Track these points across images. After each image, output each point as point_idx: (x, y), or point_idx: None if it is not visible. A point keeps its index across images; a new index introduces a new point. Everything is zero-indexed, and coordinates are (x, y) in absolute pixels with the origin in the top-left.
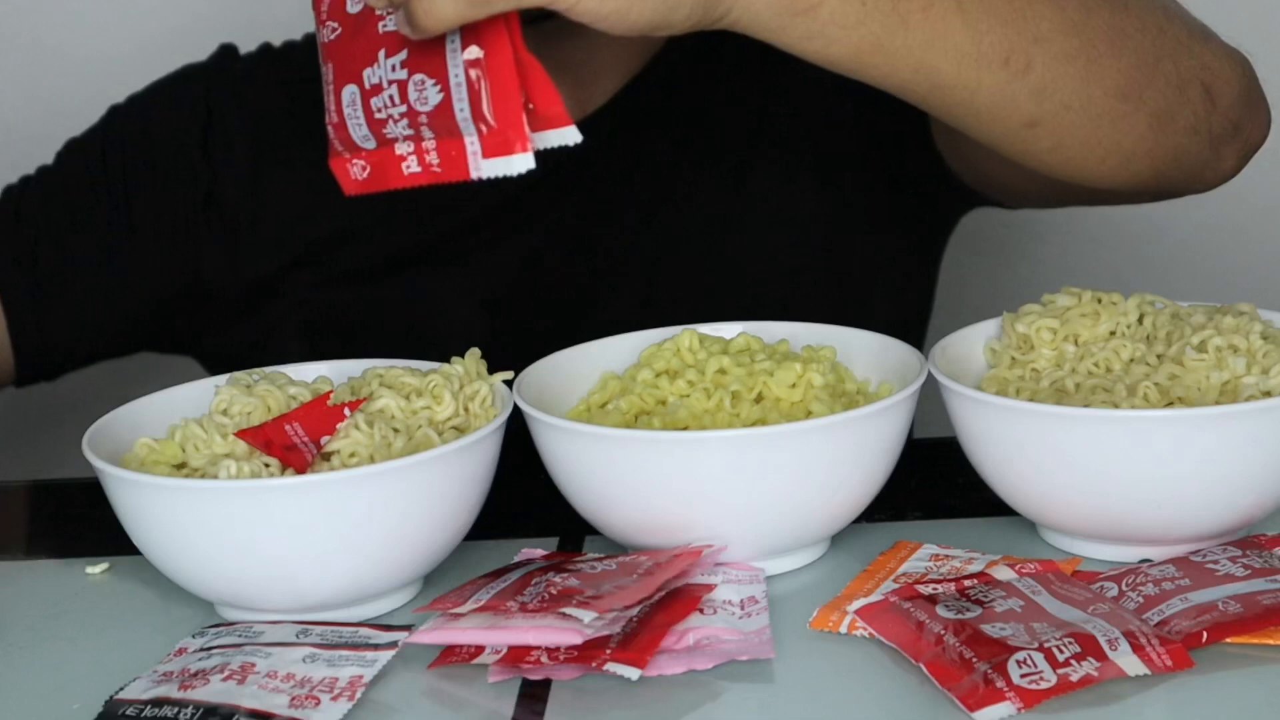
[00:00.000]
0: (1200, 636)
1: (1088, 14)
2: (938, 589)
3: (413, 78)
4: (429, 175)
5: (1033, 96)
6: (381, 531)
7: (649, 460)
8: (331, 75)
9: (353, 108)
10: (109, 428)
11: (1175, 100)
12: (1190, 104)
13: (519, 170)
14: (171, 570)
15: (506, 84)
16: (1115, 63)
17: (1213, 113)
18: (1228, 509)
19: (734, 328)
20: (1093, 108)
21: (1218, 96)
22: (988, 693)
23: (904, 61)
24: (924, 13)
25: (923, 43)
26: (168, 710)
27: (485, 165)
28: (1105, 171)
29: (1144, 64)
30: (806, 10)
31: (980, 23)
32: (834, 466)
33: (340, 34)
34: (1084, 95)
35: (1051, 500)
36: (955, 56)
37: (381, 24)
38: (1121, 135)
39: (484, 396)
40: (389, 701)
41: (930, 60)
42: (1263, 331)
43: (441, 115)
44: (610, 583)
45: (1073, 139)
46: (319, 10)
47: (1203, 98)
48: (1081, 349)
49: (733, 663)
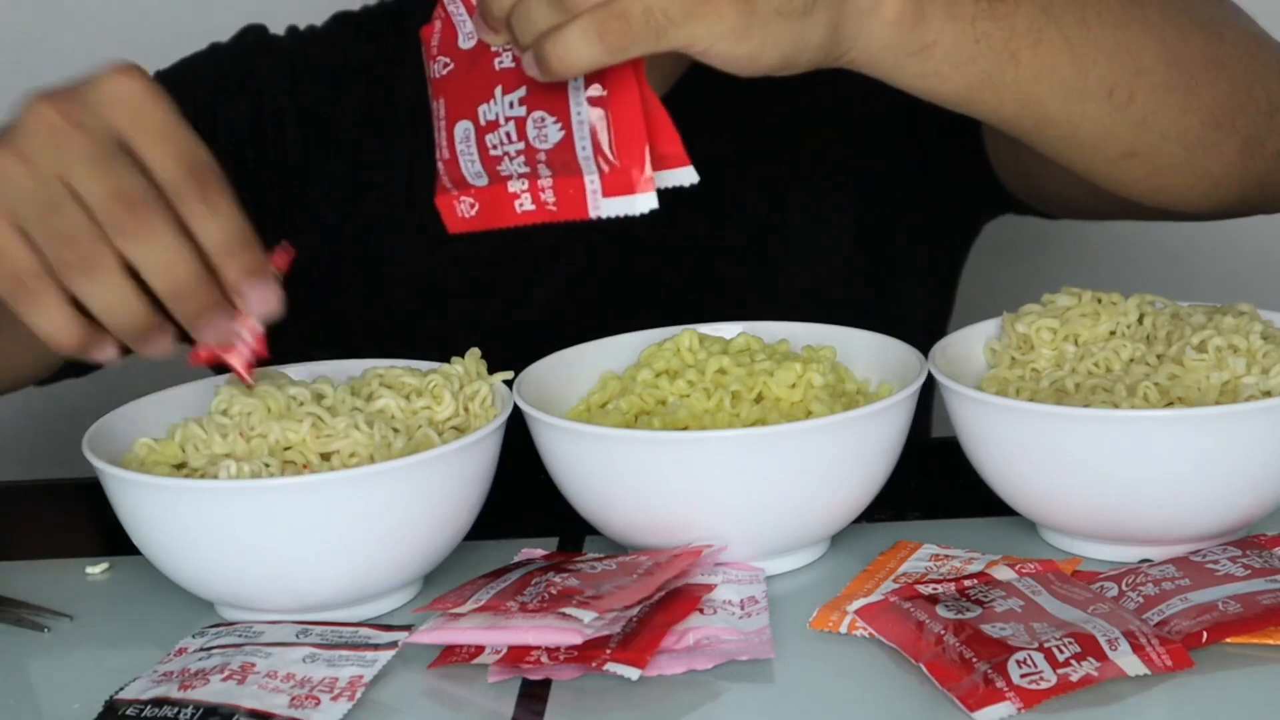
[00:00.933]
0: (1200, 636)
1: (1185, 43)
2: (938, 589)
3: (531, 115)
4: (543, 213)
5: (1134, 128)
6: (381, 531)
7: (649, 460)
8: (444, 111)
9: (466, 144)
10: (109, 428)
11: (1264, 128)
12: (1277, 131)
13: (641, 210)
14: (171, 570)
15: (632, 123)
16: (1211, 90)
17: None
18: (1228, 509)
19: (734, 328)
20: (1188, 137)
21: None
22: (988, 693)
23: (1012, 96)
24: (1034, 49)
25: (1031, 78)
26: (168, 710)
27: (605, 204)
28: (1193, 197)
29: (1237, 91)
30: (921, 50)
31: (1086, 57)
32: (834, 466)
33: (453, 69)
34: (1181, 125)
35: (1051, 500)
36: (1062, 91)
37: (498, 60)
38: (1213, 162)
39: (484, 396)
40: (389, 701)
41: (1037, 95)
42: (1263, 331)
43: (561, 153)
44: (610, 583)
45: (1167, 167)
46: (429, 45)
47: None
48: (1081, 349)
49: (733, 663)
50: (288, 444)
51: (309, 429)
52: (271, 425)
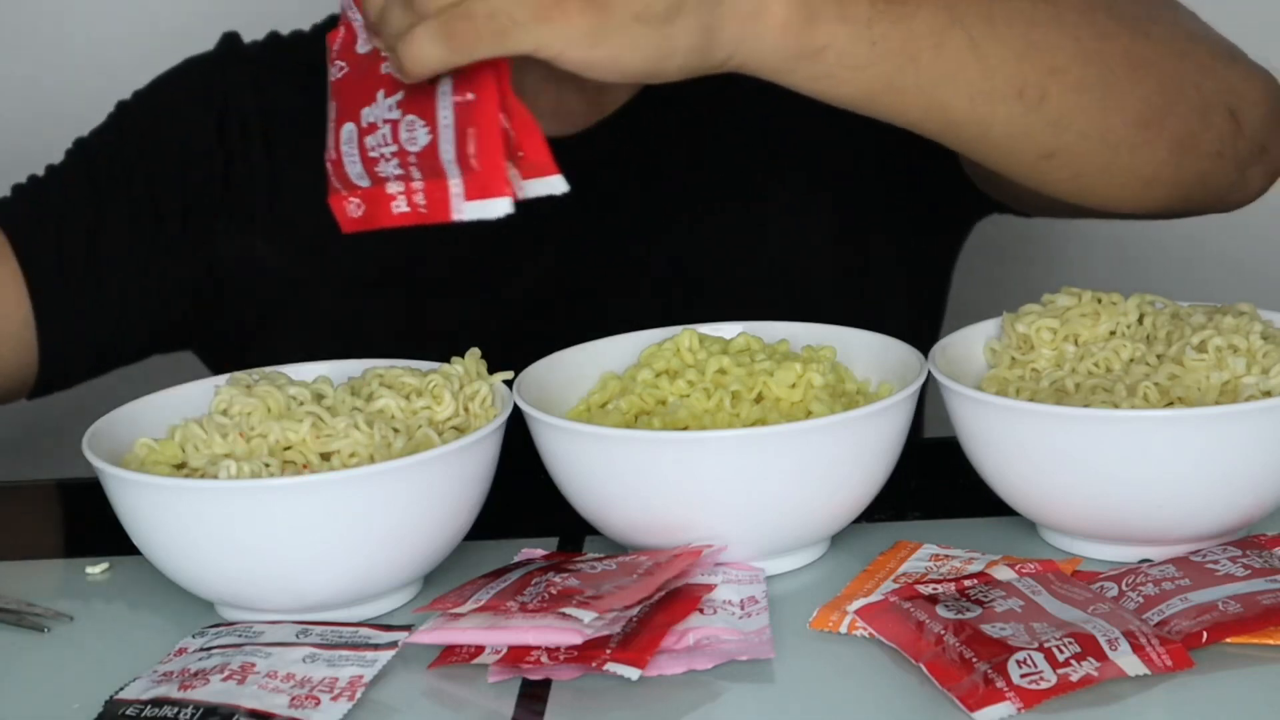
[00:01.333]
0: (1200, 636)
1: (1104, 42)
2: (938, 589)
3: (405, 118)
4: (416, 215)
5: (1049, 128)
6: (381, 531)
7: (649, 460)
8: (334, 113)
9: (350, 145)
10: (109, 428)
11: (1198, 125)
12: (1214, 128)
13: (499, 214)
14: (171, 570)
15: (491, 128)
16: (1134, 90)
17: (1238, 136)
18: (1228, 509)
19: (734, 328)
20: (1111, 136)
21: (1244, 120)
22: (988, 693)
23: (915, 100)
24: (935, 51)
25: (934, 81)
26: (168, 710)
27: (467, 207)
28: (1125, 197)
29: (1165, 90)
30: (813, 54)
31: (993, 58)
32: (834, 466)
33: (346, 73)
34: (1102, 125)
35: (1051, 500)
36: (968, 93)
37: (383, 65)
38: (1142, 163)
39: (484, 396)
40: (389, 701)
41: (942, 98)
42: (1263, 331)
43: (429, 156)
44: (610, 583)
45: (1091, 168)
46: (331, 49)
47: (1227, 121)
48: (1081, 349)
49: (733, 663)
50: (288, 444)
51: (309, 429)
52: (271, 425)
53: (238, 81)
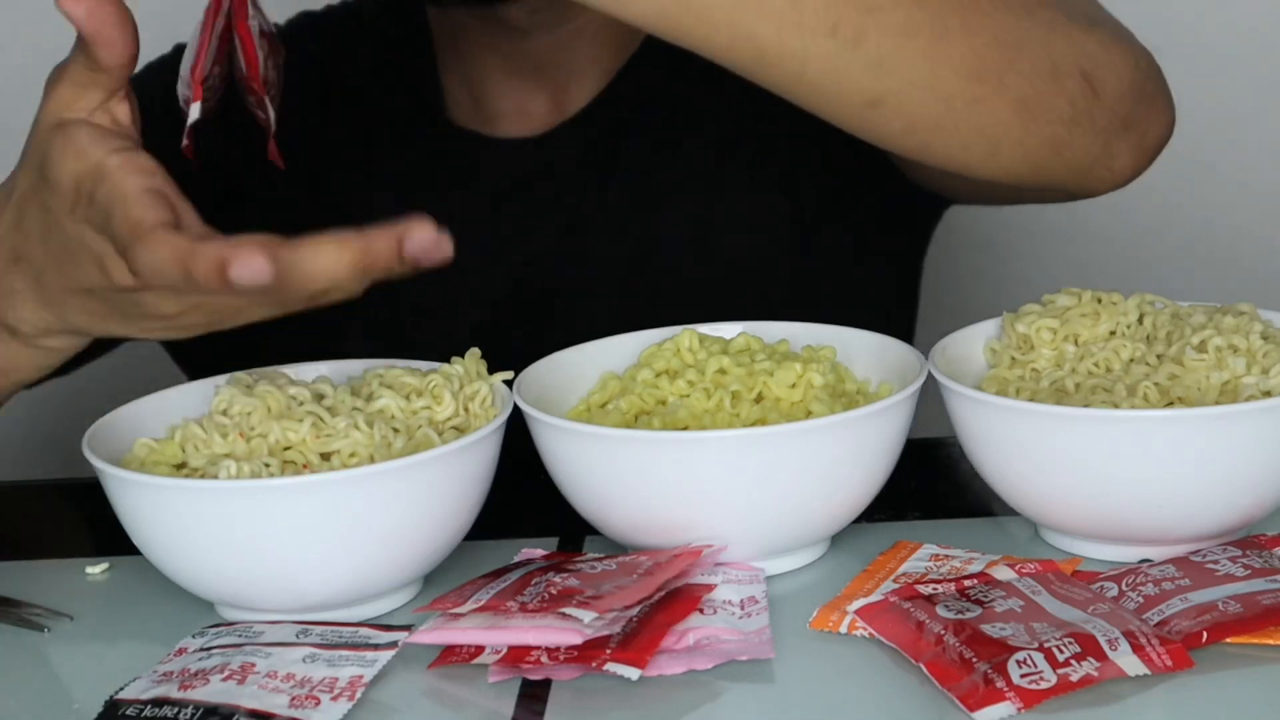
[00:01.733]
0: (1200, 636)
1: None
2: (938, 589)
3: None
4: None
5: (869, 71)
6: (381, 531)
7: (649, 460)
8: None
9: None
10: (109, 428)
11: (1047, 88)
12: (1066, 93)
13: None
14: (171, 570)
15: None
16: (967, 41)
17: (1095, 104)
18: (1228, 509)
19: (734, 328)
20: (941, 88)
21: (1101, 86)
22: (988, 693)
23: (718, 23)
24: None
25: (736, 3)
26: (168, 710)
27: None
28: (972, 160)
29: (1003, 45)
30: None
31: None
32: (834, 466)
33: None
34: (930, 74)
35: (1051, 500)
36: (775, 22)
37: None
38: (983, 121)
39: (484, 396)
40: (389, 701)
41: (747, 23)
42: (1263, 331)
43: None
44: (610, 583)
45: (925, 122)
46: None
47: (1081, 87)
48: (1081, 349)
49: (733, 663)
50: (288, 444)
51: (309, 429)
52: (271, 425)
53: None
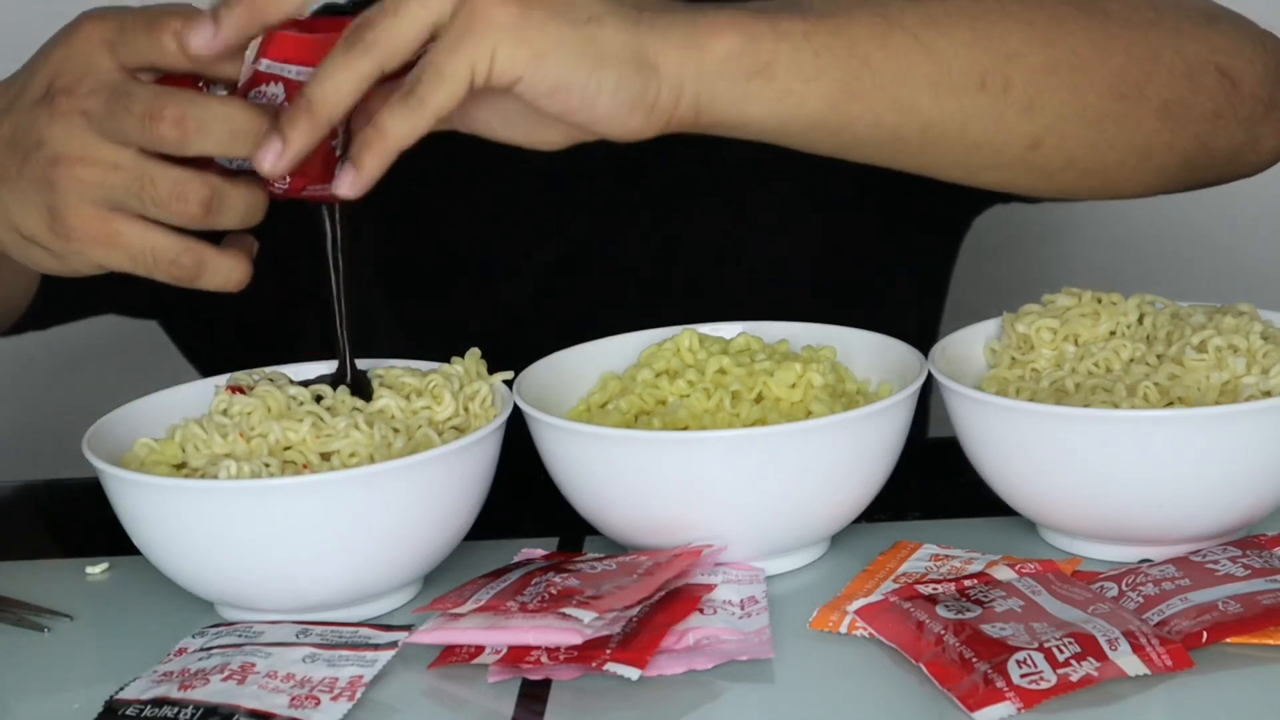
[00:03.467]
0: (1200, 636)
1: (1060, 24)
2: (938, 589)
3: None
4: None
5: (1023, 114)
6: (381, 531)
7: (649, 460)
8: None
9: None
10: (109, 428)
11: (1187, 90)
12: (1206, 90)
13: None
14: (171, 570)
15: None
16: (1104, 64)
17: (1235, 94)
18: (1228, 509)
19: (734, 328)
20: (1090, 113)
21: (1238, 77)
22: (988, 693)
23: (881, 102)
24: (883, 51)
25: (893, 79)
26: (168, 710)
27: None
28: (1127, 174)
29: (1138, 59)
30: (762, 72)
31: (943, 50)
32: (834, 466)
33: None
34: (1078, 103)
35: (1051, 500)
36: (929, 87)
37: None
38: (1132, 134)
39: (484, 396)
40: (389, 701)
41: (906, 95)
42: (1263, 331)
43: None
44: (610, 583)
45: (1080, 149)
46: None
47: (1220, 81)
48: (1081, 349)
49: (733, 663)
50: (288, 444)
51: (309, 429)
52: (271, 425)
53: None
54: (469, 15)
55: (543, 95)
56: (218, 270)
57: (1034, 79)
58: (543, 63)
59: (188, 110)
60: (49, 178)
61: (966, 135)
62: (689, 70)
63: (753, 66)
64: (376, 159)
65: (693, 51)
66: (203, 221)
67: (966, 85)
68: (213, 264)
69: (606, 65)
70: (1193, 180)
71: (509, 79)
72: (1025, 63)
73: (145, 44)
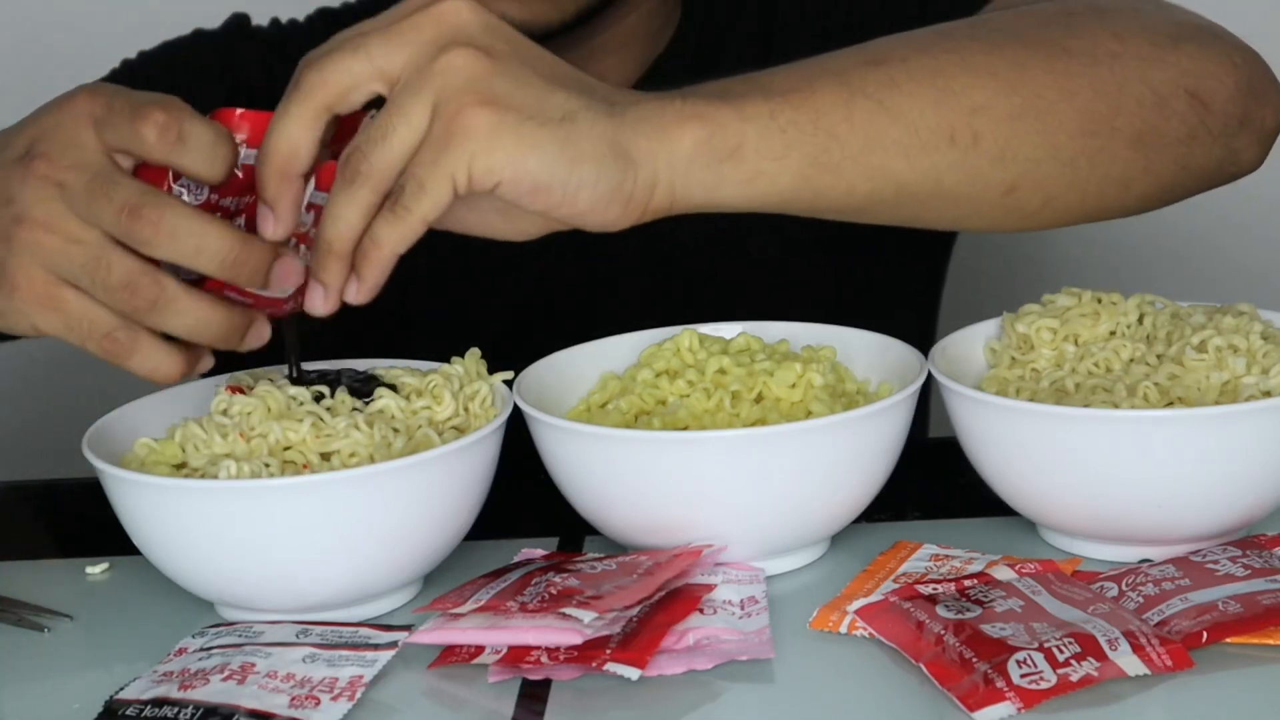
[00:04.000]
0: (1200, 636)
1: (1022, 70)
2: (938, 589)
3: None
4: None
5: (997, 164)
6: (381, 531)
7: (649, 460)
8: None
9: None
10: (109, 428)
11: (1157, 117)
12: (1177, 115)
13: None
14: (171, 570)
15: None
16: (1070, 104)
17: (1207, 114)
18: (1228, 509)
19: (734, 328)
20: (1063, 154)
21: (1209, 97)
22: (988, 693)
23: (853, 171)
24: (847, 122)
25: (860, 148)
26: (168, 710)
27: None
28: (1109, 204)
29: (1103, 95)
30: (732, 155)
31: (908, 112)
32: (834, 466)
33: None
34: (1048, 145)
35: (1051, 500)
36: (899, 150)
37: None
38: (1108, 168)
39: (484, 396)
40: (389, 701)
41: (877, 161)
42: (1263, 331)
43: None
44: (610, 583)
45: (1058, 188)
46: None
47: (1190, 104)
48: (1081, 349)
49: (733, 663)
50: (288, 444)
51: (309, 429)
52: (271, 425)
53: (247, 61)
54: (445, 128)
55: (524, 196)
56: (149, 357)
57: (1002, 128)
58: (521, 166)
59: (165, 215)
60: (8, 234)
61: (942, 190)
62: (661, 160)
63: (722, 151)
64: (374, 268)
65: (664, 143)
66: (145, 318)
67: (936, 144)
68: (147, 349)
69: (585, 161)
70: (1176, 199)
71: (489, 184)
72: (992, 114)
73: (126, 130)
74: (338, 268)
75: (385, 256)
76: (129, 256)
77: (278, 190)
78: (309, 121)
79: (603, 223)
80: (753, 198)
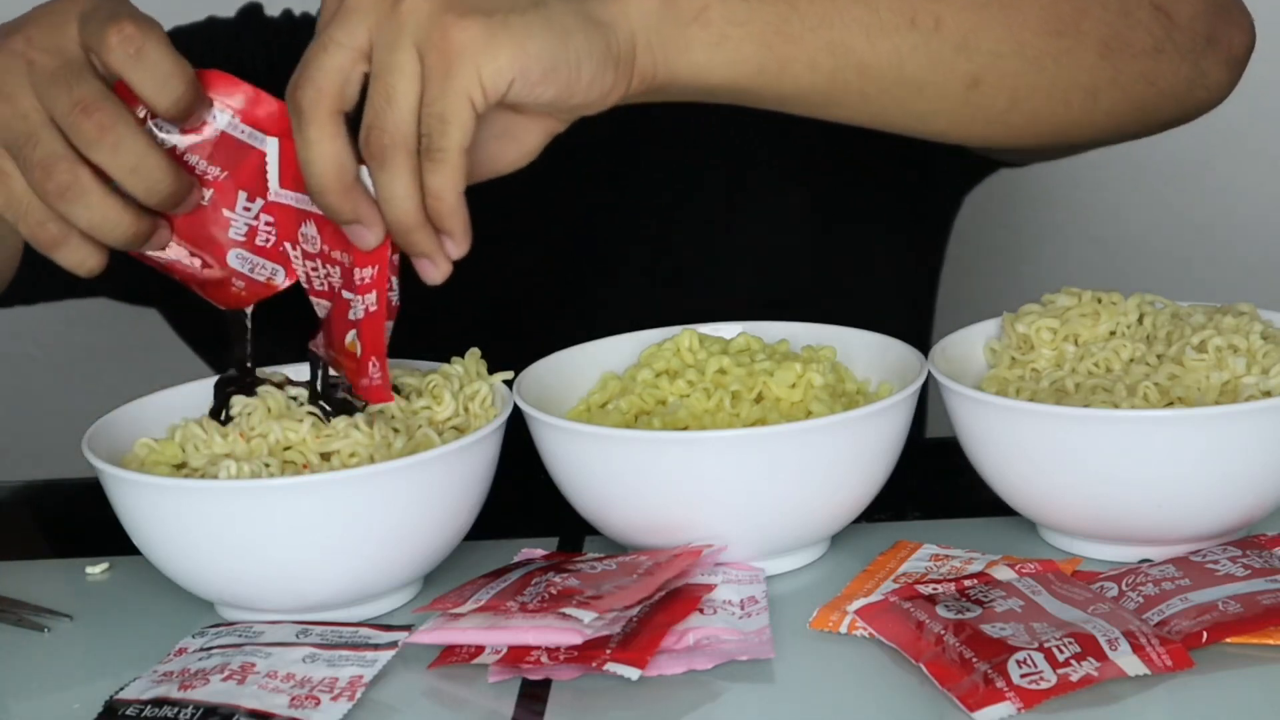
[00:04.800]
0: (1200, 636)
1: None
2: (938, 589)
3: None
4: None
5: (959, 53)
6: (381, 531)
7: (649, 460)
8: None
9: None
10: (109, 428)
11: (1122, 25)
12: (1142, 24)
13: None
14: (171, 570)
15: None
16: (1035, 2)
17: (1173, 28)
18: (1228, 509)
19: (734, 328)
20: (1028, 50)
21: (1174, 11)
22: (988, 693)
23: (814, 44)
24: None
25: (821, 20)
26: (168, 710)
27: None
28: (1079, 115)
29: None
30: (698, 16)
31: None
32: (834, 466)
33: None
34: (1013, 40)
35: (1051, 500)
36: (860, 28)
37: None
38: (1074, 72)
39: (484, 396)
40: (389, 701)
41: (837, 37)
42: (1263, 331)
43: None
44: (610, 583)
45: (1023, 88)
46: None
47: (1154, 15)
48: (1081, 349)
49: (733, 663)
50: (288, 444)
51: (309, 429)
52: (271, 425)
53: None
54: (440, 57)
55: (536, 86)
56: (74, 251)
57: (964, 16)
58: (526, 57)
59: (116, 124)
60: None
61: (905, 75)
62: (635, 19)
63: (688, 14)
64: (450, 219)
65: (632, 3)
66: (55, 203)
67: (897, 24)
68: (74, 244)
69: (572, 34)
70: (1147, 121)
71: (504, 85)
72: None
73: (97, 31)
74: (422, 237)
75: (452, 204)
76: (59, 142)
77: (351, 205)
78: (330, 132)
79: (603, 92)
80: (721, 63)
